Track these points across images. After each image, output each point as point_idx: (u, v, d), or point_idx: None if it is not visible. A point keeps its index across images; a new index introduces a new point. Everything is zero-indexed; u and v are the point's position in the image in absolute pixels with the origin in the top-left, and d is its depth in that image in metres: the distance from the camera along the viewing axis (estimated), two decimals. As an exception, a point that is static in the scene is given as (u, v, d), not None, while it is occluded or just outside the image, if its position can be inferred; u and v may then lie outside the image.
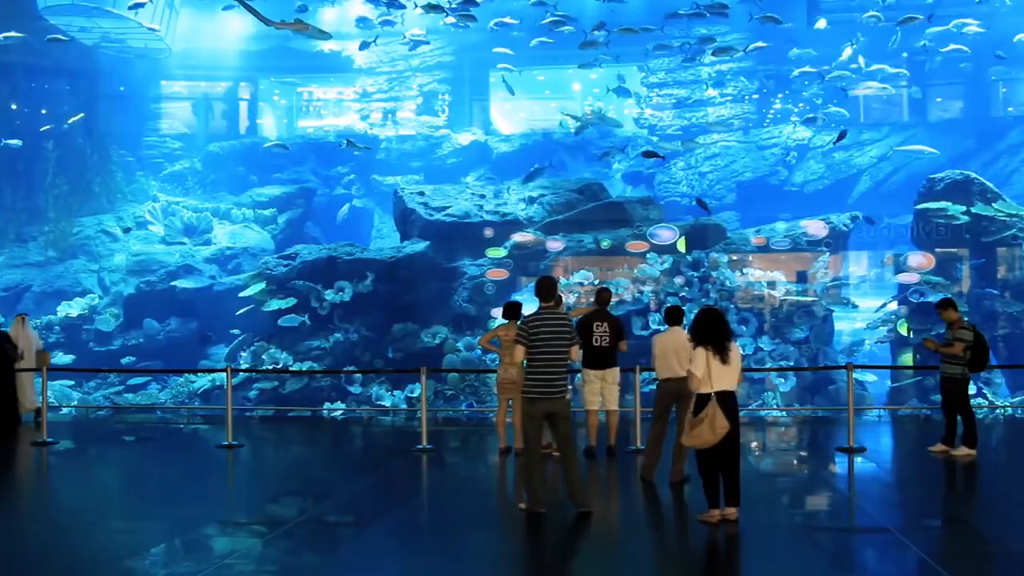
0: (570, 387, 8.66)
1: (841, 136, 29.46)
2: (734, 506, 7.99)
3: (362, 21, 33.87)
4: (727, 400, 7.95)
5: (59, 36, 30.08)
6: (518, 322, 11.25)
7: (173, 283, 28.48)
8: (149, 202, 33.58)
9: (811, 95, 35.57)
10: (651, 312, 23.53)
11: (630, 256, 24.94)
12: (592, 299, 12.26)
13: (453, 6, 29.08)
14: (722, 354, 7.93)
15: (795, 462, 11.92)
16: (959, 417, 11.03)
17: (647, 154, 28.29)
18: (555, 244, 25.45)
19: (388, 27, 32.90)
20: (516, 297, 22.30)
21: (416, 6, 29.53)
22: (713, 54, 30.51)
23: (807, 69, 33.53)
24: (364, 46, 34.64)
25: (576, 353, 8.67)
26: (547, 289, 8.61)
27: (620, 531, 8.61)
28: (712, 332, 8.01)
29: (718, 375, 7.92)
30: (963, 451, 10.89)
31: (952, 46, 31.19)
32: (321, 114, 41.96)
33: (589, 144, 36.86)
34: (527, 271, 25.58)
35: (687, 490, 9.42)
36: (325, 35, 27.02)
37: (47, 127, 32.65)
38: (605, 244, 25.26)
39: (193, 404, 23.32)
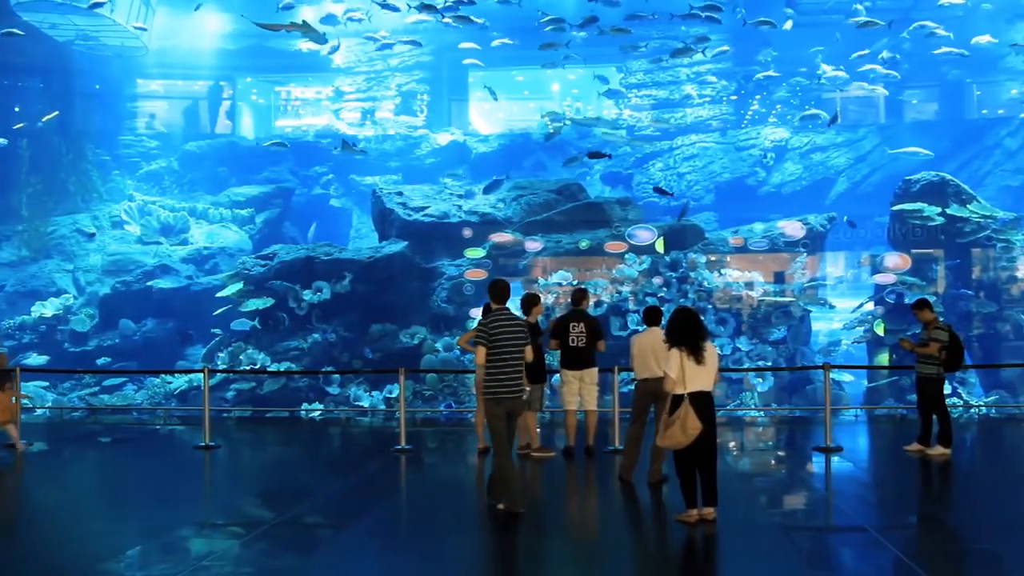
0: (525, 387, 8.81)
1: (833, 120, 29.71)
2: (712, 505, 8.02)
3: (329, 19, 33.59)
4: (702, 401, 7.96)
5: (15, 31, 29.59)
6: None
7: (149, 283, 28.28)
8: (125, 201, 33.31)
9: (787, 96, 35.81)
10: (629, 312, 23.57)
11: (609, 256, 24.99)
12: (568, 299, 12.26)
13: (447, 4, 28.97)
14: (696, 355, 7.94)
15: (773, 462, 11.98)
16: (935, 416, 11.12)
17: (592, 155, 27.77)
18: (533, 244, 25.46)
19: (355, 23, 32.80)
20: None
21: (410, 7, 29.47)
22: (672, 55, 30.45)
23: (771, 74, 33.74)
24: (333, 49, 34.45)
25: (530, 353, 8.79)
26: (501, 291, 8.79)
27: (599, 531, 8.61)
28: (687, 333, 8.02)
29: (692, 376, 7.93)
30: (938, 450, 10.97)
31: (944, 49, 31.43)
32: (299, 113, 41.77)
33: (568, 145, 36.91)
34: (506, 271, 25.56)
35: (665, 490, 9.44)
36: (320, 37, 27.10)
37: (20, 125, 32.31)
38: (584, 244, 25.29)
39: (170, 405, 23.15)
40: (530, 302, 11.37)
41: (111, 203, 33.53)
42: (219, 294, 25.97)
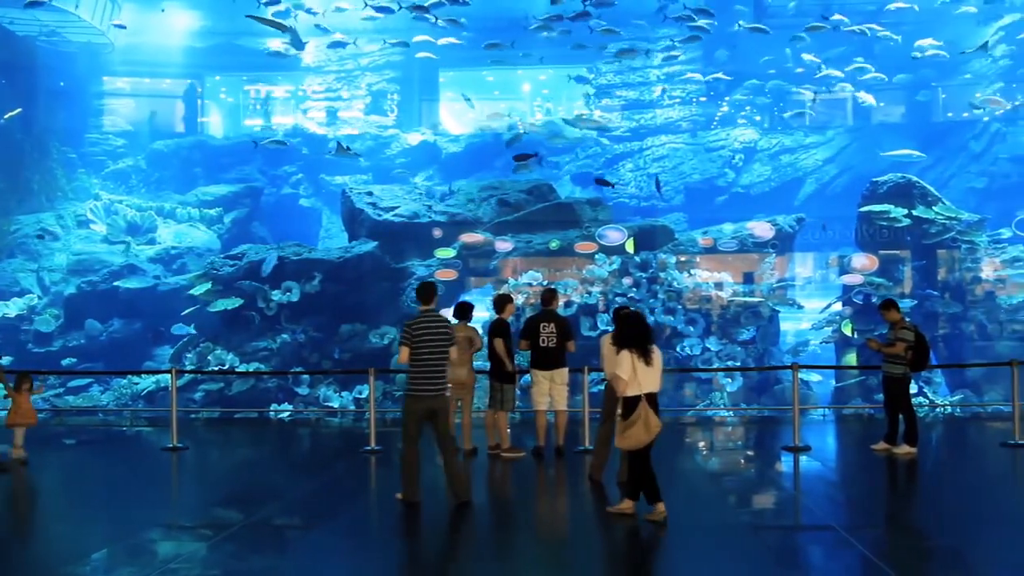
0: (448, 386, 9.11)
1: (814, 100, 30.00)
2: (634, 500, 8.29)
3: (284, 14, 33.44)
4: (654, 401, 8.11)
5: None
6: (467, 322, 11.29)
7: (116, 283, 27.95)
8: (91, 200, 32.94)
9: (748, 97, 36.12)
10: (599, 313, 23.63)
11: (579, 257, 25.03)
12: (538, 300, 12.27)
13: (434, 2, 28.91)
14: (646, 356, 8.06)
15: (742, 461, 12.04)
16: (901, 416, 11.23)
17: (518, 157, 27.11)
18: (504, 244, 25.46)
19: (339, 13, 32.74)
20: (465, 298, 22.27)
21: (400, 6, 29.36)
22: (617, 55, 30.47)
23: (721, 76, 33.97)
24: (300, 46, 34.34)
25: (454, 353, 9.03)
26: (427, 293, 9.04)
27: (568, 531, 8.62)
28: (635, 335, 8.13)
29: (644, 376, 8.05)
30: (904, 449, 11.08)
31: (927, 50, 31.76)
32: (268, 112, 41.50)
33: (538, 145, 36.94)
34: (476, 271, 25.58)
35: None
36: (300, 43, 26.99)
37: (-18, 122, 31.90)
38: (554, 245, 25.32)
39: (137, 406, 22.92)
40: (502, 302, 11.39)
41: (76, 202, 33.14)
42: (187, 294, 25.76)
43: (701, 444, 13.08)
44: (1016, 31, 33.79)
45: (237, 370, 23.46)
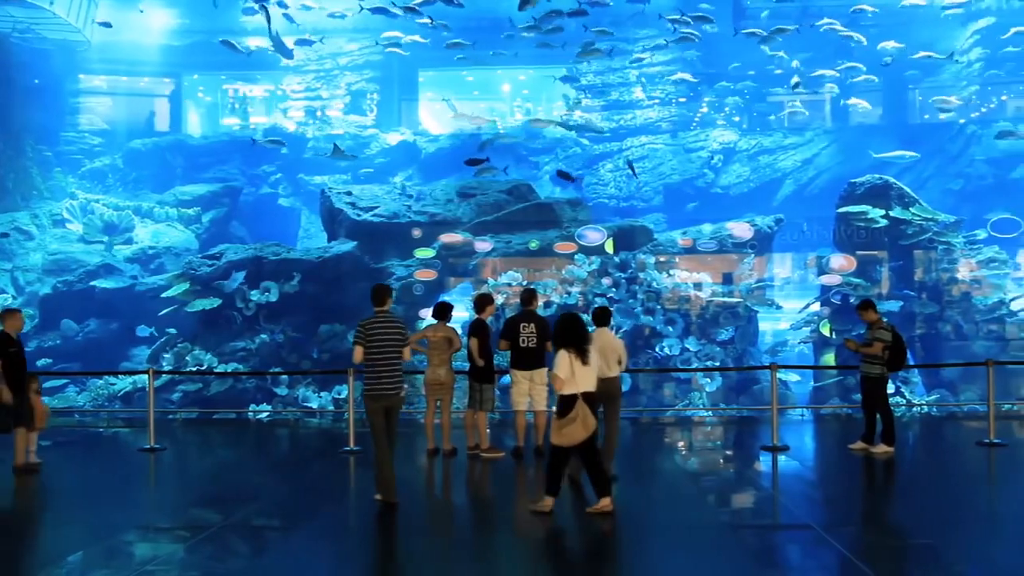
0: (405, 385, 9.41)
1: (796, 85, 30.19)
2: (607, 496, 8.46)
3: (250, 11, 33.29)
4: (590, 398, 8.36)
5: None
6: (446, 323, 11.29)
7: (92, 283, 27.71)
8: (67, 199, 32.60)
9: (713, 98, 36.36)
10: (579, 313, 23.61)
11: (558, 257, 25.06)
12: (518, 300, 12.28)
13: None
14: (582, 356, 8.34)
15: (721, 461, 12.08)
16: (878, 415, 11.30)
17: (470, 161, 27.04)
18: (483, 245, 25.46)
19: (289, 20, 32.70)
20: (445, 298, 22.24)
21: (394, 3, 29.28)
22: (579, 55, 30.42)
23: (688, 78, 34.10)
24: (284, 51, 34.27)
25: (408, 353, 9.36)
26: (380, 295, 9.29)
27: (547, 530, 8.62)
28: (573, 335, 8.42)
29: (581, 376, 8.32)
30: (882, 448, 11.16)
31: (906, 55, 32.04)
32: (247, 112, 41.29)
33: (518, 145, 36.98)
34: (455, 272, 25.55)
35: (614, 490, 9.47)
36: (288, 52, 26.86)
37: (-45, 119, 31.55)
38: (533, 245, 25.33)
39: (114, 407, 22.74)
40: (483, 302, 11.40)
41: (52, 201, 32.79)
42: (165, 294, 25.58)
43: (680, 444, 13.12)
44: (991, 34, 34.06)
45: (215, 371, 23.33)
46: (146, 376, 14.25)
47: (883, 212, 24.48)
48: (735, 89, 36.96)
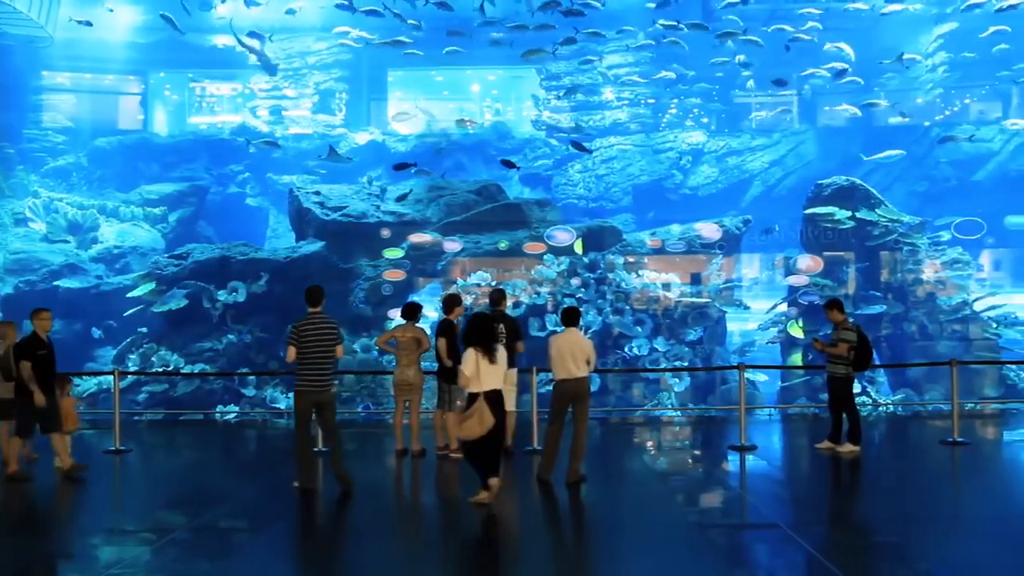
0: (336, 381, 9.65)
1: (781, 83, 30.38)
2: (495, 475, 8.82)
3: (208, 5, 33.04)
4: (495, 397, 8.65)
5: None
6: (415, 323, 11.24)
7: (56, 283, 27.36)
8: (30, 198, 32.11)
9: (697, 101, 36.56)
10: (548, 313, 23.66)
11: (527, 257, 25.06)
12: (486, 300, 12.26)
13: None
14: (490, 355, 8.64)
15: (689, 461, 12.12)
16: (844, 415, 11.39)
17: (398, 166, 26.66)
18: (452, 245, 25.42)
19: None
20: (414, 298, 22.17)
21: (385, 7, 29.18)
22: (524, 55, 30.38)
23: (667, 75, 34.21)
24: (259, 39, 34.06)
25: (341, 351, 9.76)
26: (314, 296, 9.68)
27: (518, 531, 8.61)
28: (480, 336, 8.70)
29: (486, 375, 8.62)
30: (848, 448, 11.25)
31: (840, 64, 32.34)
32: (214, 110, 40.93)
33: (487, 145, 36.97)
34: (424, 272, 25.49)
35: (584, 490, 9.49)
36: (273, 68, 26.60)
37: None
38: (502, 245, 25.32)
39: (78, 409, 22.40)
40: (451, 302, 11.37)
41: (14, 199, 32.31)
42: (130, 294, 25.31)
43: (649, 444, 13.16)
44: (955, 39, 34.47)
45: (182, 371, 23.12)
46: (111, 377, 14.07)
47: (850, 213, 24.70)
48: (705, 90, 37.12)
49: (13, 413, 10.55)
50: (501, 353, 8.78)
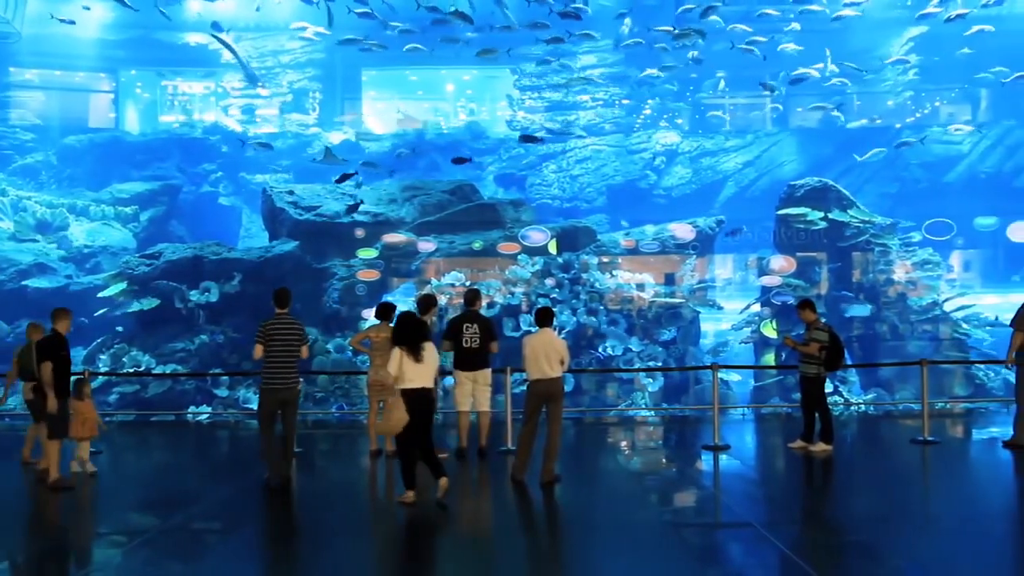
0: (301, 379, 10.29)
1: (769, 88, 30.55)
2: (442, 476, 8.85)
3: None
4: (420, 395, 8.78)
5: None
6: (389, 323, 11.20)
7: (24, 282, 27.04)
8: (-3, 196, 31.79)
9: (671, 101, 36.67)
10: (522, 313, 23.67)
11: (501, 257, 25.05)
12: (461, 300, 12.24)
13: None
14: (415, 354, 8.75)
15: (663, 460, 12.15)
16: (816, 414, 11.46)
17: (336, 179, 26.67)
18: (426, 245, 25.37)
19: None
20: (388, 298, 22.11)
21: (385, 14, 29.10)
22: (478, 54, 30.33)
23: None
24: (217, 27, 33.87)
25: (306, 351, 10.05)
26: (280, 298, 10.03)
27: (491, 531, 8.60)
28: (407, 335, 8.84)
29: (412, 373, 8.74)
30: (820, 447, 11.32)
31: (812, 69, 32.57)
32: (186, 109, 40.62)
33: (461, 145, 36.92)
34: (399, 272, 25.42)
35: (558, 490, 9.48)
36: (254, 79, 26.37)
37: None
38: (477, 245, 25.30)
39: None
40: (426, 303, 11.33)
41: (-19, 197, 31.94)
42: (101, 294, 25.06)
43: (623, 444, 13.18)
44: (925, 42, 34.83)
45: (153, 372, 22.92)
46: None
47: (822, 214, 24.88)
48: (674, 91, 37.29)
49: (41, 415, 10.26)
50: (429, 352, 8.84)
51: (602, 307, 24.15)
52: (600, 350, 23.44)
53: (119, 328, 24.77)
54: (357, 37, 30.10)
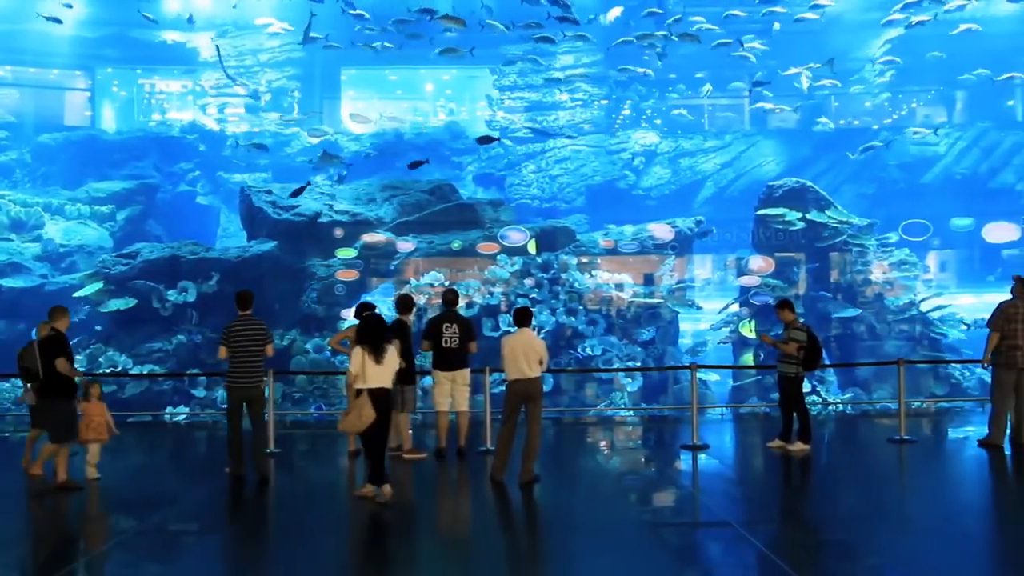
0: (265, 379, 10.66)
1: (758, 84, 30.64)
2: (378, 484, 8.97)
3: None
4: (379, 395, 8.82)
5: None
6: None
7: (-3, 282, 26.79)
8: (-32, 195, 31.43)
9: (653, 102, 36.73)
10: (501, 313, 23.65)
11: (481, 257, 25.03)
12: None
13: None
14: (377, 355, 8.82)
15: (642, 460, 12.17)
16: (795, 414, 11.50)
17: (297, 191, 25.99)
18: (406, 245, 25.32)
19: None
20: (367, 298, 22.03)
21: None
22: (441, 53, 30.22)
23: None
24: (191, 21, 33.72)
25: (271, 350, 10.37)
26: (243, 300, 10.41)
27: (470, 532, 8.58)
28: (369, 335, 8.92)
29: (373, 373, 8.80)
30: (798, 446, 11.36)
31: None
32: (164, 107, 40.33)
33: (441, 145, 36.88)
34: (378, 272, 25.34)
35: (537, 490, 9.48)
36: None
37: None
38: (456, 245, 25.27)
39: (21, 411, 21.95)
40: (405, 303, 11.31)
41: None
42: (76, 294, 24.84)
43: (602, 444, 13.19)
44: (903, 44, 35.06)
45: (130, 372, 22.75)
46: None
47: (800, 215, 25.00)
48: (653, 92, 37.40)
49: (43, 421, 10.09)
50: (390, 355, 8.92)
51: (581, 307, 24.16)
52: (579, 350, 23.45)
53: (97, 328, 24.57)
54: (317, 35, 29.90)
